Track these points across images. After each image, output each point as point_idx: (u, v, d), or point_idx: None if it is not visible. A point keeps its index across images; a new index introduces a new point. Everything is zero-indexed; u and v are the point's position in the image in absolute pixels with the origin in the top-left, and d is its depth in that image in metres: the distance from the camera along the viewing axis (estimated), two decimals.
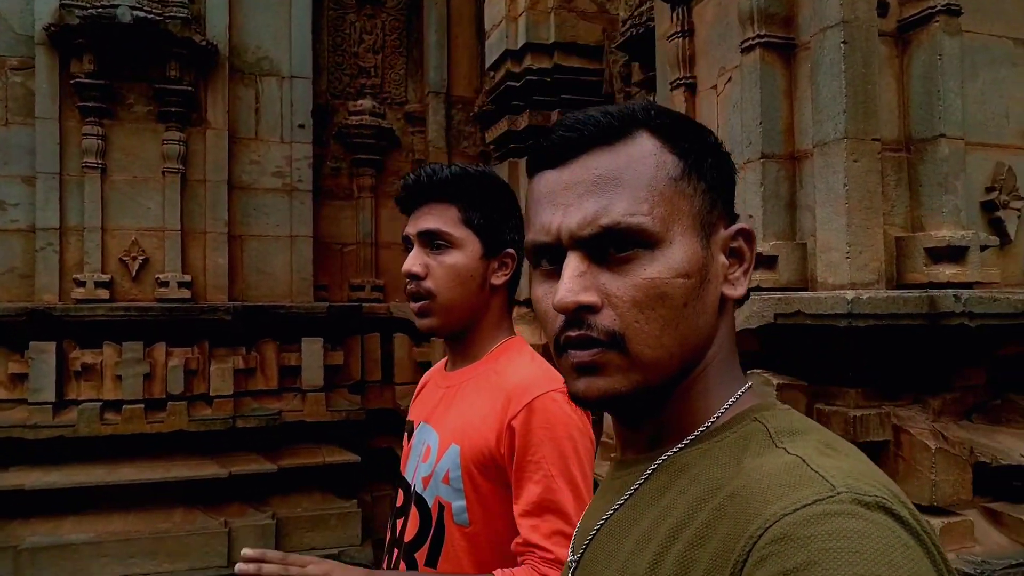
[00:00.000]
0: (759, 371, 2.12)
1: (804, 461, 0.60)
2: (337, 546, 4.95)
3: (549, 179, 0.70)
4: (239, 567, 1.08)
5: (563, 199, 0.68)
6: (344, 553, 4.92)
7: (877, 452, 1.94)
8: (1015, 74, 2.15)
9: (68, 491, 4.41)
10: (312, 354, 5.03)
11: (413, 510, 1.31)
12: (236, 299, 4.96)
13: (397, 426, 5.26)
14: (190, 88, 4.71)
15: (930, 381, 2.01)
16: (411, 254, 1.33)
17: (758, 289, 2.24)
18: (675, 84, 2.61)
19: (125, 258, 4.69)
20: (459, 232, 1.31)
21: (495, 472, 1.22)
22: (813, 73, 2.04)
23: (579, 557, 0.76)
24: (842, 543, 0.53)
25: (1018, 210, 2.12)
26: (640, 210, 0.66)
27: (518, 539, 1.18)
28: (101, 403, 4.52)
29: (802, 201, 2.22)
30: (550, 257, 0.70)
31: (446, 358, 1.46)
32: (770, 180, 2.22)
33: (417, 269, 1.31)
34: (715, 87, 2.47)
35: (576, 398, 0.69)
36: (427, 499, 1.28)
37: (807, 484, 0.57)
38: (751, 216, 2.30)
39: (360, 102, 5.57)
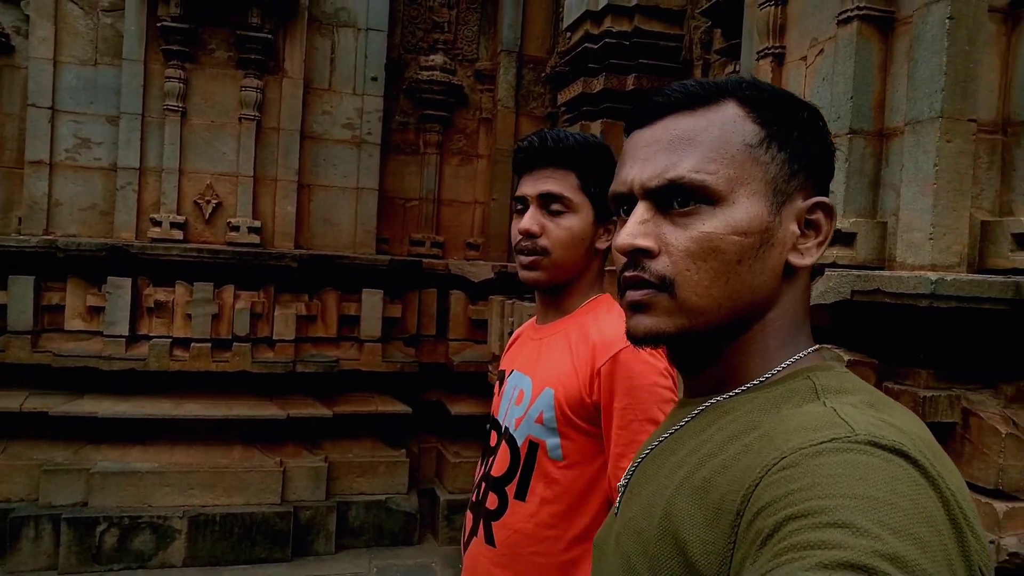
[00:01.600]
0: (830, 346, 2.12)
1: (836, 411, 0.62)
2: (384, 492, 5.10)
3: (635, 137, 0.76)
4: None
5: (643, 154, 0.74)
6: (390, 500, 5.08)
7: (944, 434, 1.94)
8: None
9: (136, 421, 4.62)
10: (372, 305, 5.15)
11: (503, 447, 1.40)
12: (302, 247, 5.08)
13: (448, 381, 5.42)
14: (270, 36, 4.79)
15: (1005, 367, 1.99)
16: (528, 214, 1.42)
17: (834, 265, 2.23)
18: (762, 53, 2.58)
19: (199, 201, 4.84)
20: (577, 198, 1.40)
21: (586, 412, 1.32)
22: (912, 49, 2.00)
23: (627, 482, 0.83)
24: (846, 470, 0.55)
25: None
26: (707, 168, 0.70)
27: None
28: (171, 340, 4.69)
29: (886, 179, 2.19)
30: (627, 207, 0.76)
31: (535, 314, 1.55)
32: (856, 156, 2.19)
33: (535, 228, 1.40)
34: (804, 58, 2.43)
35: (628, 334, 0.74)
36: (517, 438, 1.37)
37: (829, 427, 0.60)
38: (832, 191, 2.28)
39: (432, 57, 5.59)
